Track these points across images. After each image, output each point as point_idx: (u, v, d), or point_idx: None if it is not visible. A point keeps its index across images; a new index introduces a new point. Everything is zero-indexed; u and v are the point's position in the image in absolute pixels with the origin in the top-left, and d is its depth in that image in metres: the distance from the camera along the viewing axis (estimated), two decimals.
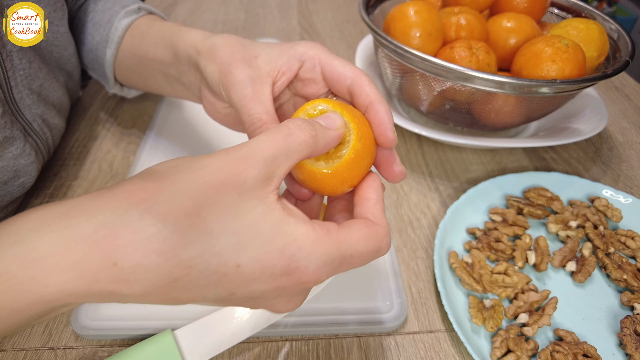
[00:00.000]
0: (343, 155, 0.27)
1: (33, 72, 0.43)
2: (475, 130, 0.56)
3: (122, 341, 0.36)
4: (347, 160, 0.26)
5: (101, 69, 0.51)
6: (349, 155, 0.26)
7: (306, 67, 0.33)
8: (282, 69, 0.33)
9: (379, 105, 0.29)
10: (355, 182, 0.28)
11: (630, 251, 0.42)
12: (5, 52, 0.39)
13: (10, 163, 0.40)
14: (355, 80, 0.30)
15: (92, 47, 0.50)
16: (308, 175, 0.27)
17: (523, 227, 0.44)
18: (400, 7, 0.52)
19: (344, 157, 0.26)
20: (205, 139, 0.55)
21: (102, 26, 0.49)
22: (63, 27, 0.47)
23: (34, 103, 0.43)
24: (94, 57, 0.51)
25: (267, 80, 0.32)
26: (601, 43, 0.49)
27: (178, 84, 0.42)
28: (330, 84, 0.33)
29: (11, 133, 0.39)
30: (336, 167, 0.26)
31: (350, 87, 0.31)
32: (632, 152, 0.57)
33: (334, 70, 0.32)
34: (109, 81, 0.51)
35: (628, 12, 1.93)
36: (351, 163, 0.27)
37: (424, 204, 0.48)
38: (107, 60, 0.49)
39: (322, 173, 0.26)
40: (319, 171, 0.27)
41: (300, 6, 0.92)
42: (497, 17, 0.54)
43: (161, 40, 0.43)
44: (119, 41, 0.48)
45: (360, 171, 0.28)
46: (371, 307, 0.37)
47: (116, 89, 0.53)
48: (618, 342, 0.36)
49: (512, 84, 0.43)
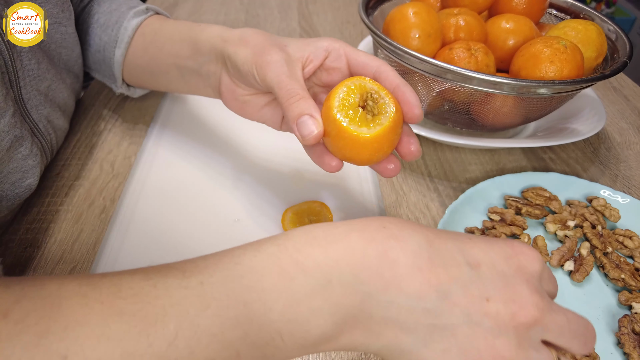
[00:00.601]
0: (383, 123, 0.30)
1: (41, 73, 0.43)
2: (474, 131, 0.56)
3: None
4: (387, 127, 0.30)
5: (108, 69, 0.51)
6: (389, 122, 0.30)
7: (332, 57, 0.36)
8: (310, 57, 0.36)
9: (405, 87, 0.32)
10: (388, 150, 0.32)
11: (628, 251, 0.43)
12: (15, 52, 0.39)
13: (20, 164, 0.40)
14: (380, 68, 0.34)
15: (100, 48, 0.51)
16: (350, 140, 0.30)
17: (521, 227, 0.44)
18: (400, 9, 0.52)
19: (384, 124, 0.30)
20: (206, 140, 0.55)
21: (109, 27, 0.50)
22: (71, 28, 0.48)
23: (41, 104, 0.43)
24: (101, 58, 0.51)
25: (298, 64, 0.35)
26: (599, 44, 0.49)
27: (194, 76, 0.44)
28: (355, 73, 0.36)
29: (21, 133, 0.40)
30: (378, 132, 0.30)
31: (375, 74, 0.34)
32: (630, 152, 0.58)
33: (359, 60, 0.35)
34: (117, 81, 0.52)
35: (627, 13, 1.94)
36: (390, 130, 0.30)
37: (423, 204, 0.49)
38: (116, 60, 0.49)
39: (364, 137, 0.30)
40: (362, 136, 0.30)
41: (301, 7, 0.92)
42: (496, 18, 0.54)
43: (178, 35, 0.44)
44: (129, 41, 0.48)
45: (395, 140, 0.32)
46: None
47: (123, 88, 0.53)
48: (616, 341, 0.37)
49: (511, 85, 0.44)
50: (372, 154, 0.31)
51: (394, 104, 0.31)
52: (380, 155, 0.32)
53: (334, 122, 0.30)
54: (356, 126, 0.30)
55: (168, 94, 0.62)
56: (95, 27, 0.51)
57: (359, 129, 0.30)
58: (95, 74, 0.55)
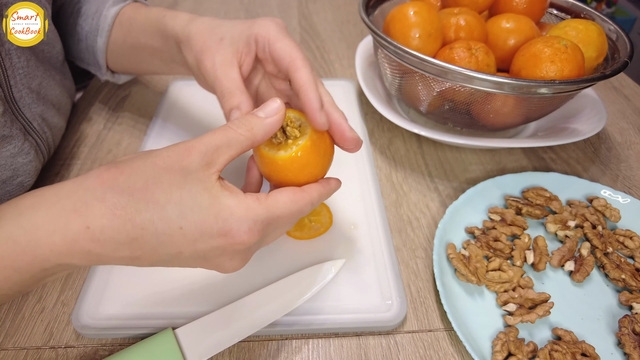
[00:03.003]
0: (300, 144, 0.31)
1: (31, 70, 0.43)
2: (475, 131, 0.56)
3: (123, 340, 0.36)
4: (304, 147, 0.31)
5: (92, 57, 0.51)
6: (305, 142, 0.31)
7: (259, 47, 0.36)
8: (243, 50, 0.36)
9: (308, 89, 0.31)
10: (314, 171, 0.32)
11: (629, 251, 0.43)
12: (4, 51, 0.39)
13: (8, 162, 0.40)
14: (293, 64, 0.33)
15: (82, 37, 0.51)
16: (270, 163, 0.31)
17: (522, 227, 0.44)
18: (400, 8, 0.52)
19: (300, 145, 0.31)
20: None
21: (90, 16, 0.50)
22: (51, 25, 0.47)
23: (34, 102, 0.43)
24: (84, 47, 0.51)
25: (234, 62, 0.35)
26: (600, 44, 0.49)
27: (174, 64, 0.45)
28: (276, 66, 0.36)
29: (10, 132, 0.40)
30: (295, 152, 0.30)
31: (287, 70, 0.34)
32: (630, 152, 0.57)
33: (274, 52, 0.35)
34: (101, 68, 0.52)
35: (627, 13, 1.94)
36: (308, 149, 0.31)
37: (423, 203, 0.49)
38: (99, 48, 0.50)
39: (282, 159, 0.30)
40: (279, 158, 0.30)
41: (300, 6, 0.92)
42: (497, 18, 0.54)
43: (150, 28, 0.45)
44: (109, 29, 0.49)
45: (318, 159, 0.32)
46: (371, 306, 0.38)
47: (108, 75, 0.54)
48: (616, 342, 0.37)
49: (511, 85, 0.44)
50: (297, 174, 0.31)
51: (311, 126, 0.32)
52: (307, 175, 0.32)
53: (257, 152, 0.32)
54: (274, 150, 0.31)
55: (167, 93, 0.62)
56: (76, 16, 0.51)
57: (276, 153, 0.31)
58: (80, 63, 0.55)
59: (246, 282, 0.39)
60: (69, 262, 0.26)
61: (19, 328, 0.37)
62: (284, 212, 0.29)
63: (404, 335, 0.37)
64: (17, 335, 0.36)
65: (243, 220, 0.27)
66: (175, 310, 0.37)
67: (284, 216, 0.29)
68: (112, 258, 0.26)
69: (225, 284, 0.39)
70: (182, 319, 0.36)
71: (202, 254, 0.27)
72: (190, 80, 0.67)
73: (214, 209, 0.26)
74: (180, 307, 0.37)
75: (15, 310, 0.38)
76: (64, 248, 0.25)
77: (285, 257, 0.41)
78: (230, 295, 0.37)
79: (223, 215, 0.26)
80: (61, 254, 0.25)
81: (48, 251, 0.25)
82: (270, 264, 0.40)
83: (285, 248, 0.42)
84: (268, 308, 0.36)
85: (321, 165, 0.33)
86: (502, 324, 0.37)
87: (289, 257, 0.41)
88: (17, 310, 0.38)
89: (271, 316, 0.35)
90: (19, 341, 0.36)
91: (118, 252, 0.26)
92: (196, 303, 0.37)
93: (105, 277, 0.39)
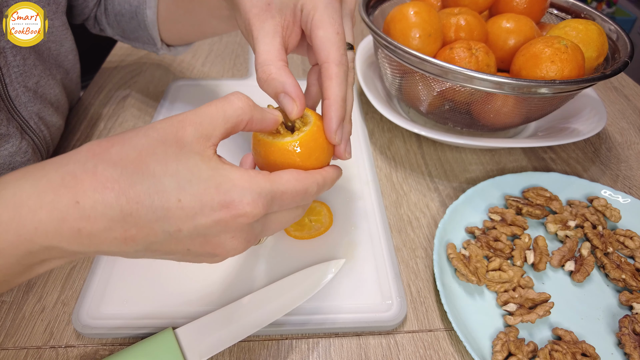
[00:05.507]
0: (305, 130, 0.30)
1: (28, 69, 0.42)
2: (475, 131, 0.56)
3: (124, 340, 0.36)
4: (310, 132, 0.30)
5: (145, 33, 0.51)
6: (311, 128, 0.31)
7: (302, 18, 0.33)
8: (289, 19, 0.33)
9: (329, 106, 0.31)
10: (321, 156, 0.31)
11: (629, 251, 0.43)
12: None
13: (6, 161, 0.40)
14: (324, 66, 0.31)
15: (132, 15, 0.51)
16: (279, 152, 0.30)
17: (522, 227, 0.44)
18: (400, 8, 0.52)
19: (306, 130, 0.30)
20: None
21: None
22: (58, 21, 0.47)
23: (30, 100, 0.43)
24: (136, 25, 0.51)
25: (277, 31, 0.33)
26: (600, 44, 0.49)
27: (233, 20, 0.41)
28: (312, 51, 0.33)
29: (7, 130, 0.40)
30: (302, 137, 0.30)
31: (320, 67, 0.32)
32: (630, 152, 0.57)
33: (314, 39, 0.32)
34: (156, 43, 0.52)
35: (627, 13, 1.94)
36: (314, 135, 0.30)
37: (423, 203, 0.49)
38: (150, 21, 0.50)
39: (291, 144, 0.30)
40: (287, 144, 0.30)
41: None
42: (497, 18, 0.54)
43: None
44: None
45: (324, 145, 0.31)
46: (371, 306, 0.38)
47: (164, 49, 0.53)
48: (616, 342, 0.37)
49: (511, 85, 0.44)
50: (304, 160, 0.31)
51: (315, 115, 0.32)
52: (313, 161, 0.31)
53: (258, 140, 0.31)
54: (280, 137, 0.30)
55: (167, 93, 0.62)
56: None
57: (282, 139, 0.30)
58: (135, 44, 0.55)
59: (246, 282, 0.39)
60: (57, 244, 0.23)
61: (19, 328, 0.37)
62: (289, 188, 0.27)
63: (404, 335, 0.37)
64: (17, 335, 0.36)
65: (246, 191, 0.25)
66: (175, 310, 0.37)
67: (289, 193, 0.27)
68: (104, 240, 0.24)
69: (225, 284, 0.39)
70: (182, 318, 0.36)
71: (202, 230, 0.25)
72: (191, 80, 0.67)
73: (215, 180, 0.25)
74: (180, 307, 0.37)
75: (15, 310, 0.38)
76: (51, 227, 0.23)
77: (285, 257, 0.41)
78: (230, 295, 0.37)
79: (225, 187, 0.25)
80: (48, 234, 0.23)
81: (33, 230, 0.22)
82: (270, 264, 0.40)
83: (285, 248, 0.42)
84: (268, 308, 0.36)
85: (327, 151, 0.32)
86: (502, 324, 0.37)
87: (289, 257, 0.41)
88: (17, 310, 0.38)
89: (271, 316, 0.35)
90: (19, 341, 0.36)
91: (111, 232, 0.24)
92: (196, 303, 0.37)
93: (106, 277, 0.39)
